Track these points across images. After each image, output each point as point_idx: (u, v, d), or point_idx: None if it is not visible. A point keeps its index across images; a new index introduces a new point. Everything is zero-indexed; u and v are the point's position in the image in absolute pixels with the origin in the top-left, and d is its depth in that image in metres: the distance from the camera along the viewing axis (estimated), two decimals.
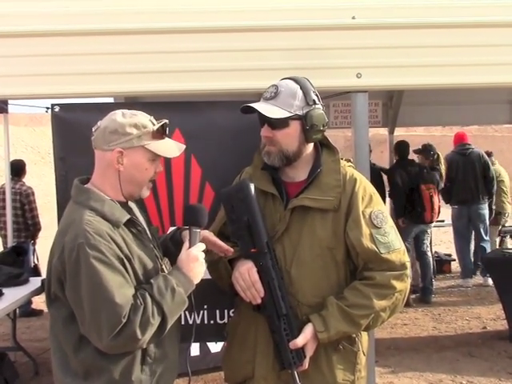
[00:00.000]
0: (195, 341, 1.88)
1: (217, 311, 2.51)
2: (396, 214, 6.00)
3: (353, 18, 2.43)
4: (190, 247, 1.74)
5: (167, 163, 2.36)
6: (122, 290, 1.59)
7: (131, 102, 3.04)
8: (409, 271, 1.87)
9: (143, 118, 1.74)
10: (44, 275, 1.85)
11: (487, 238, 6.84)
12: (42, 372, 4.33)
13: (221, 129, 2.45)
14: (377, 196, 1.93)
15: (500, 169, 7.41)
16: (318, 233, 1.86)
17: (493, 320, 5.50)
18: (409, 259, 1.90)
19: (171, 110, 2.30)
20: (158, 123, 1.75)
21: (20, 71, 2.39)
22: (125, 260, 1.64)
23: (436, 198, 6.04)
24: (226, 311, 2.50)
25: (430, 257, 6.31)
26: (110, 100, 3.59)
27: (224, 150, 2.43)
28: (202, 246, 1.77)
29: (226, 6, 2.43)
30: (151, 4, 2.42)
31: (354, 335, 1.89)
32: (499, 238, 7.20)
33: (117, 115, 1.73)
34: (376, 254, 1.82)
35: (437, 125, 11.10)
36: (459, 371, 4.24)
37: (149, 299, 1.62)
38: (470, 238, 6.90)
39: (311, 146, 1.93)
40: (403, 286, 1.85)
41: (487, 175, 6.66)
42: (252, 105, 1.84)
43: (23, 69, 2.39)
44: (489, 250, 6.65)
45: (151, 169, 1.76)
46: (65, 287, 1.62)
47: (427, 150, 6.36)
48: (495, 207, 7.02)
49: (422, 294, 6.21)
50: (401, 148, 6.31)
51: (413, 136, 13.82)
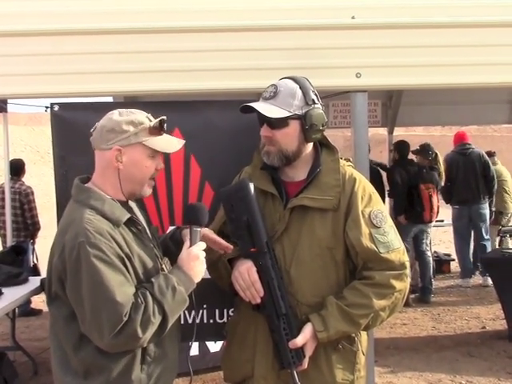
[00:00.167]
0: (195, 340, 1.88)
1: (216, 310, 2.50)
2: (396, 213, 6.00)
3: (352, 18, 2.43)
4: (191, 246, 1.74)
5: (167, 162, 2.35)
6: (123, 289, 1.59)
7: (130, 102, 3.03)
8: (408, 271, 1.87)
9: (140, 115, 1.74)
10: (43, 275, 1.86)
11: (488, 237, 6.84)
12: (42, 371, 4.32)
13: (220, 128, 2.45)
14: (376, 195, 1.93)
15: (502, 169, 7.40)
16: (318, 232, 1.86)
17: (492, 320, 5.50)
18: (408, 259, 1.90)
19: (171, 110, 2.30)
20: (155, 120, 1.75)
21: (19, 70, 2.39)
22: (125, 259, 1.64)
23: (435, 198, 6.05)
24: (226, 310, 2.50)
25: (430, 256, 6.31)
26: (110, 99, 3.59)
27: (223, 150, 2.43)
28: (203, 245, 1.77)
29: (225, 6, 2.43)
30: (151, 3, 2.42)
31: (354, 335, 1.89)
32: (499, 238, 7.20)
33: (113, 114, 1.73)
34: (375, 254, 1.82)
35: (436, 125, 11.11)
36: (458, 371, 4.24)
37: (150, 298, 1.62)
38: (470, 238, 6.90)
39: (310, 146, 1.93)
40: (402, 286, 1.85)
41: (487, 175, 6.66)
42: (251, 104, 1.84)
43: (22, 68, 2.38)
44: (489, 250, 6.66)
45: (151, 166, 1.75)
46: (65, 286, 1.62)
47: (425, 150, 6.36)
48: (496, 207, 7.02)
49: (422, 294, 6.21)
50: (401, 147, 6.32)
51: (412, 136, 13.80)
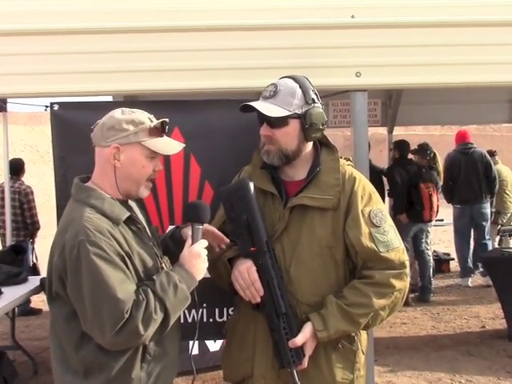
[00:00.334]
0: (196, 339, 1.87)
1: (216, 309, 2.50)
2: (395, 212, 6.00)
3: (352, 17, 2.43)
4: (193, 244, 1.74)
5: (166, 162, 2.35)
6: (124, 286, 1.59)
7: (130, 101, 3.03)
8: (408, 270, 1.87)
9: (141, 115, 1.74)
10: (43, 274, 1.85)
11: (489, 237, 6.85)
12: (41, 371, 4.32)
13: (220, 128, 2.44)
14: (376, 195, 1.93)
15: (502, 169, 7.39)
16: (318, 232, 1.86)
17: (491, 319, 5.50)
18: (408, 258, 1.90)
19: (170, 109, 2.30)
20: (157, 121, 1.75)
21: (19, 69, 2.38)
22: (125, 257, 1.64)
23: (435, 197, 6.05)
24: (225, 309, 2.50)
25: (429, 256, 6.31)
26: (109, 99, 3.58)
27: (223, 149, 2.42)
28: (205, 243, 1.77)
29: (225, 5, 2.43)
30: (150, 3, 2.42)
31: (353, 334, 1.89)
32: (498, 237, 7.20)
33: (115, 112, 1.74)
34: (375, 253, 1.82)
35: (436, 124, 11.12)
36: (458, 370, 4.24)
37: (151, 295, 1.62)
38: (470, 238, 6.90)
39: (310, 145, 1.93)
40: (402, 285, 1.85)
41: (489, 175, 6.64)
42: (251, 103, 1.84)
43: (22, 67, 2.38)
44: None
45: (149, 166, 1.75)
46: (66, 285, 1.62)
47: (424, 150, 6.36)
48: (495, 207, 7.02)
49: (421, 293, 6.22)
50: (401, 147, 6.32)
51: (412, 135, 13.81)
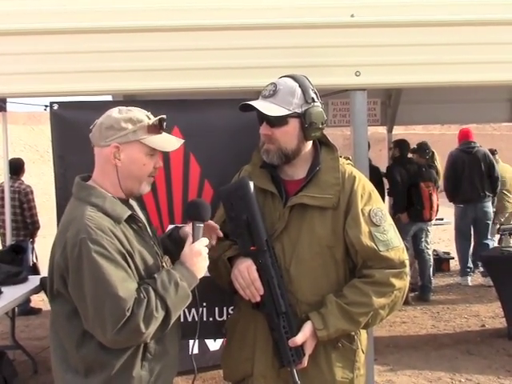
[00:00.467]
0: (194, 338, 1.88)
1: (216, 308, 2.50)
2: (395, 211, 6.00)
3: (351, 16, 2.43)
4: (194, 242, 1.74)
5: (166, 161, 2.35)
6: (125, 284, 1.59)
7: (130, 100, 3.03)
8: (408, 269, 1.87)
9: (139, 113, 1.74)
10: (43, 274, 1.85)
11: (490, 236, 6.85)
12: (41, 370, 4.32)
13: (220, 127, 2.44)
14: (376, 194, 1.93)
15: (503, 167, 7.37)
16: (317, 231, 1.86)
17: (491, 318, 5.51)
18: (408, 257, 1.90)
19: (170, 108, 2.29)
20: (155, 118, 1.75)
21: (18, 69, 2.38)
22: (126, 255, 1.64)
23: (435, 196, 6.05)
24: (225, 309, 2.50)
25: (429, 255, 6.31)
26: (109, 98, 3.58)
27: (223, 148, 2.42)
28: (206, 241, 1.77)
29: (225, 4, 2.43)
30: (150, 2, 2.42)
31: (353, 333, 1.89)
32: (498, 236, 7.20)
33: (113, 112, 1.74)
34: (375, 252, 1.82)
35: (435, 123, 11.09)
36: (458, 369, 4.25)
37: (152, 293, 1.62)
38: (471, 237, 6.90)
39: (310, 144, 1.93)
40: (402, 284, 1.85)
41: (492, 174, 6.64)
42: (251, 103, 1.84)
43: (21, 67, 2.38)
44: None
45: (149, 164, 1.75)
46: (67, 283, 1.62)
47: (423, 149, 6.36)
48: (496, 206, 7.02)
49: (421, 292, 6.22)
50: (401, 146, 6.32)
51: (411, 134, 13.83)
